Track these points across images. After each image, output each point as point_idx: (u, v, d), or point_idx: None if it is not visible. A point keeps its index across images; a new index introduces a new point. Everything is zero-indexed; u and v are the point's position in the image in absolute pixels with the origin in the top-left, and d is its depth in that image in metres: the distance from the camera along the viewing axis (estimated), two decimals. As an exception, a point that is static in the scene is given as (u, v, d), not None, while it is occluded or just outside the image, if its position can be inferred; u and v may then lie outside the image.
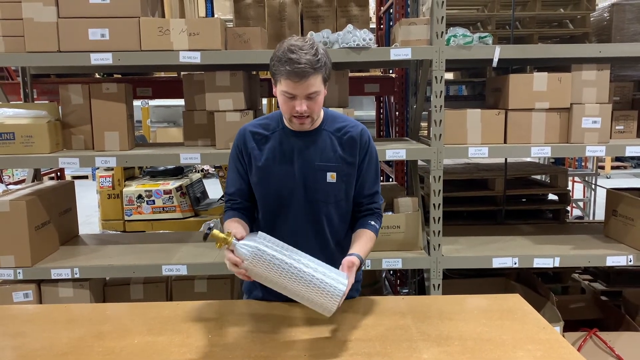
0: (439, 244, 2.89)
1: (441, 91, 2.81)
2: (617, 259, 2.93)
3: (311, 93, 1.71)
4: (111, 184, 5.59)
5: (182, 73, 4.11)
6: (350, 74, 3.38)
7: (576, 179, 7.01)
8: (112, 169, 5.60)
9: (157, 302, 2.67)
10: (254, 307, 1.94)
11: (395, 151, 2.86)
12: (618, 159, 12.56)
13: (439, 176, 2.88)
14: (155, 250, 3.16)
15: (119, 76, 4.48)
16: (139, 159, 3.15)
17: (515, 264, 2.94)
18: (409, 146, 3.03)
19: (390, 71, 4.65)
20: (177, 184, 5.67)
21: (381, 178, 3.36)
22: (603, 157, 10.83)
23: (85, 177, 11.66)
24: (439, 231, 2.88)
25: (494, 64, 2.85)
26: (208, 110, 2.98)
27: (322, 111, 1.86)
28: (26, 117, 2.93)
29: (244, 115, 2.94)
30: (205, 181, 6.66)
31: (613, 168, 12.13)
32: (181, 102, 3.38)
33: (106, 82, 3.06)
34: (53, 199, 3.14)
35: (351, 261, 1.73)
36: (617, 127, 3.14)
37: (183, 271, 2.90)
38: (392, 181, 4.38)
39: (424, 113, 3.52)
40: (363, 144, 1.89)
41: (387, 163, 4.61)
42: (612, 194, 3.24)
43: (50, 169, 5.51)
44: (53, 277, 2.86)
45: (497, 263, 2.93)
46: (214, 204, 5.93)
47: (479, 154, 2.90)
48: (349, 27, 2.89)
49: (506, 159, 3.70)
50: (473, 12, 3.81)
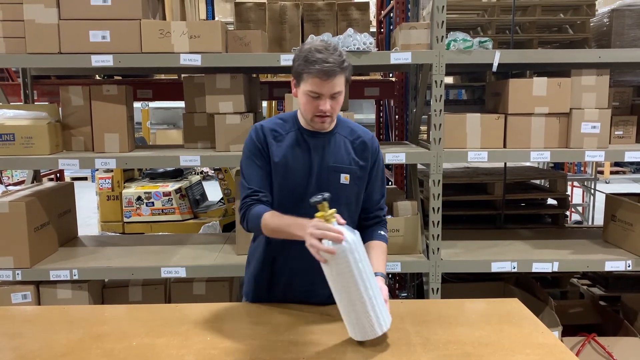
0: (438, 248, 2.89)
1: (441, 95, 2.82)
2: (616, 264, 2.94)
3: (335, 93, 1.75)
4: (110, 186, 5.59)
5: (182, 75, 4.12)
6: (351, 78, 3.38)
7: (575, 183, 7.02)
8: (111, 171, 5.60)
9: (156, 304, 2.66)
10: (252, 310, 1.94)
11: (395, 155, 2.87)
12: (617, 164, 12.56)
13: (439, 180, 2.88)
14: (154, 252, 3.16)
15: (120, 78, 4.49)
16: (139, 161, 3.16)
17: (514, 268, 2.94)
18: (408, 150, 3.03)
19: (390, 75, 4.66)
20: (176, 186, 5.67)
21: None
22: (602, 162, 10.84)
23: (85, 179, 11.66)
24: (438, 235, 2.89)
25: (494, 68, 2.86)
26: (208, 112, 2.98)
27: None
28: (26, 118, 2.93)
29: (244, 118, 2.95)
30: (204, 183, 6.66)
31: (612, 173, 12.13)
32: (181, 104, 3.39)
33: (106, 84, 3.07)
34: (52, 200, 3.14)
35: (384, 290, 1.72)
36: (616, 132, 3.14)
37: (182, 273, 2.90)
38: (391, 185, 4.39)
39: (423, 117, 3.53)
40: (374, 150, 1.94)
41: (387, 166, 4.61)
42: (611, 199, 3.25)
43: (50, 170, 5.51)
44: (52, 279, 2.86)
45: (496, 267, 2.94)
46: (213, 206, 5.93)
47: (478, 158, 2.91)
48: (350, 30, 2.90)
49: (505, 163, 3.71)
50: (473, 16, 3.81)
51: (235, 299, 3.21)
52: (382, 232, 1.97)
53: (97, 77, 4.47)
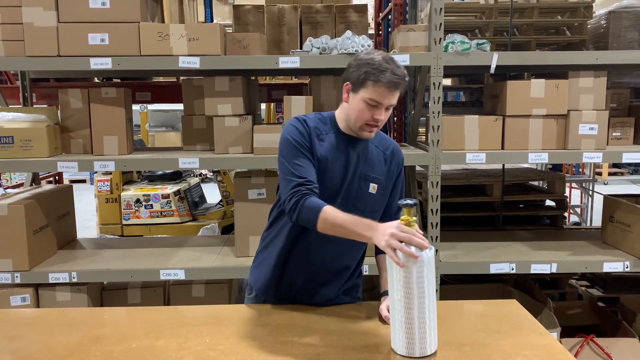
0: (436, 250, 2.90)
1: (439, 97, 2.83)
2: (614, 265, 2.94)
3: (392, 105, 1.77)
4: (109, 188, 5.58)
5: (181, 78, 4.12)
6: (349, 80, 3.39)
7: (573, 185, 7.03)
8: (110, 173, 5.60)
9: (155, 306, 2.66)
10: (251, 312, 1.94)
11: (394, 157, 2.87)
12: (615, 165, 12.58)
13: (437, 182, 2.89)
14: (153, 255, 3.16)
15: (118, 81, 4.49)
16: (138, 164, 3.17)
17: (513, 269, 2.94)
18: (407, 152, 3.03)
19: (389, 77, 4.66)
20: (175, 188, 5.66)
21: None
22: (600, 164, 10.85)
23: (83, 182, 11.65)
24: (437, 237, 2.89)
25: (492, 70, 2.87)
26: (207, 115, 2.99)
27: None
28: (25, 121, 2.93)
29: (242, 120, 2.95)
30: (203, 185, 6.66)
31: (610, 174, 12.15)
32: (179, 106, 3.39)
33: (105, 87, 3.07)
34: (51, 203, 3.14)
35: None
36: (614, 134, 3.16)
37: (181, 276, 2.90)
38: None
39: (422, 119, 3.54)
40: (400, 162, 1.97)
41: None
42: (609, 200, 3.25)
43: (49, 172, 5.51)
44: (51, 281, 2.86)
45: (495, 269, 2.94)
46: (212, 208, 5.93)
47: (476, 159, 2.92)
48: (348, 33, 2.91)
49: (504, 165, 3.72)
50: (471, 19, 3.83)
51: (234, 300, 3.21)
52: None
53: (96, 80, 4.47)
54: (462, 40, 2.88)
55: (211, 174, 11.21)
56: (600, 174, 11.35)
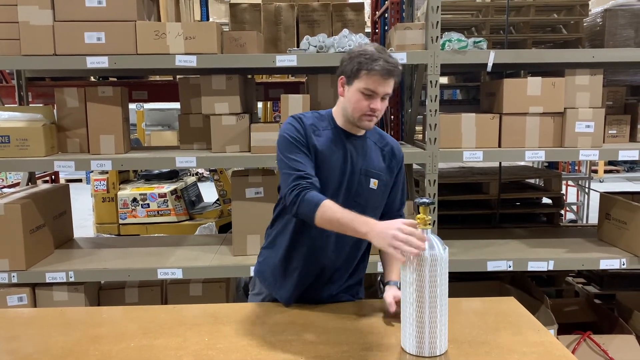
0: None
1: (436, 95, 2.83)
2: (611, 262, 2.95)
3: (387, 94, 1.79)
4: (106, 188, 5.57)
5: (177, 77, 4.12)
6: (346, 78, 3.39)
7: (570, 182, 7.04)
8: (106, 173, 5.58)
9: (153, 305, 2.66)
10: (250, 311, 1.94)
11: (391, 155, 2.87)
12: (611, 162, 12.64)
13: (434, 180, 2.89)
14: (150, 254, 3.15)
15: (115, 79, 4.48)
16: (135, 162, 3.16)
17: (510, 267, 2.95)
18: (404, 150, 3.00)
19: (386, 75, 4.66)
20: (171, 187, 5.65)
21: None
22: (596, 161, 10.89)
23: (79, 181, 11.61)
24: (434, 235, 2.89)
25: (489, 68, 2.87)
26: (204, 113, 2.99)
27: None
28: (21, 120, 2.92)
29: (239, 119, 2.95)
30: (200, 185, 6.65)
31: (606, 172, 12.20)
32: (175, 105, 3.38)
33: (102, 86, 3.06)
34: (48, 202, 3.13)
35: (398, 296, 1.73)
36: (610, 132, 3.17)
37: (178, 275, 2.90)
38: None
39: (418, 117, 3.54)
40: (400, 158, 1.99)
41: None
42: (606, 197, 3.27)
43: (45, 172, 5.49)
44: (48, 281, 2.85)
45: (492, 266, 2.95)
46: (209, 207, 5.92)
47: (473, 157, 2.92)
48: (345, 31, 2.91)
49: (500, 162, 3.72)
50: (467, 17, 3.83)
51: (232, 299, 3.21)
52: None
53: (92, 79, 4.46)
54: (459, 39, 2.88)
55: (207, 172, 11.19)
56: (596, 171, 11.39)
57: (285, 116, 2.83)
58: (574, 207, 6.89)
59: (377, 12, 4.75)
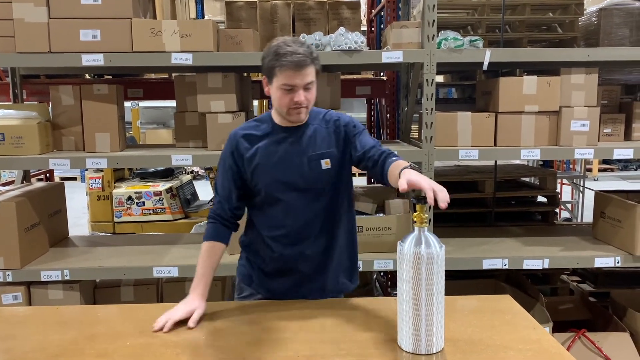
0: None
1: (432, 94, 2.83)
2: (605, 260, 2.97)
3: (309, 83, 1.81)
4: (101, 186, 5.56)
5: (173, 74, 4.10)
6: (342, 77, 3.40)
7: (564, 181, 7.08)
8: (101, 171, 5.57)
9: (149, 303, 2.65)
10: (246, 309, 1.95)
11: (387, 153, 2.88)
12: (605, 161, 12.69)
13: (430, 178, 2.89)
14: (145, 252, 3.15)
15: (110, 77, 4.46)
16: (130, 161, 3.15)
17: (505, 265, 2.96)
18: (400, 148, 3.04)
19: (382, 74, 4.67)
20: (167, 185, 5.64)
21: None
22: (591, 160, 10.94)
23: (74, 179, 11.57)
24: (429, 233, 2.90)
25: (485, 67, 2.88)
26: (200, 111, 2.98)
27: None
28: (16, 118, 2.91)
29: (235, 117, 2.94)
30: (195, 183, 6.64)
31: (600, 170, 12.26)
32: (171, 103, 3.38)
33: (97, 83, 3.05)
34: (43, 200, 3.12)
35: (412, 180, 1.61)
36: (605, 130, 3.18)
37: (174, 273, 2.89)
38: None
39: (414, 115, 3.54)
40: (345, 122, 1.98)
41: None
42: (600, 196, 3.28)
43: (40, 170, 5.47)
44: (43, 279, 2.84)
45: (487, 264, 2.96)
46: (205, 205, 5.92)
47: (469, 156, 2.93)
48: (341, 29, 2.90)
49: (496, 161, 3.74)
50: (463, 15, 3.84)
51: (228, 297, 3.20)
52: (393, 158, 1.86)
53: (87, 77, 4.44)
54: (455, 37, 2.89)
55: (203, 171, 11.17)
56: (590, 170, 11.45)
57: (281, 114, 2.82)
58: (569, 206, 6.93)
59: (373, 11, 4.76)
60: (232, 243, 3.04)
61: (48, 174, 5.65)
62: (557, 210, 5.51)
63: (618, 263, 2.96)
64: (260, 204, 1.98)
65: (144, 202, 5.52)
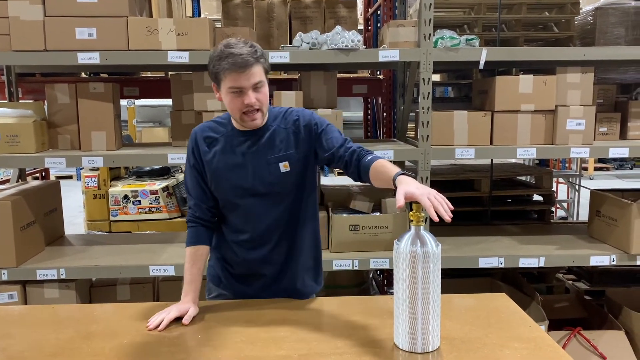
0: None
1: (429, 93, 2.84)
2: (601, 259, 2.98)
3: (257, 83, 1.74)
4: (97, 184, 5.54)
5: (170, 73, 4.09)
6: (339, 75, 3.40)
7: (560, 180, 7.09)
8: (97, 169, 5.55)
9: (146, 302, 2.65)
10: (242, 307, 1.94)
11: (383, 152, 2.88)
12: (601, 160, 12.74)
13: (427, 177, 2.90)
14: (142, 251, 3.14)
15: (106, 76, 4.45)
16: (127, 159, 3.14)
17: (501, 263, 2.97)
18: (396, 147, 3.05)
19: (378, 72, 4.67)
20: (163, 184, 5.63)
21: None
22: (586, 159, 10.98)
23: (70, 177, 11.54)
24: (426, 231, 2.90)
25: (481, 66, 2.88)
26: (196, 110, 2.98)
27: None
28: (12, 117, 2.90)
29: (232, 116, 2.94)
30: (191, 181, 6.62)
31: (596, 169, 12.30)
32: (167, 102, 3.37)
33: (93, 82, 3.04)
34: (38, 199, 3.11)
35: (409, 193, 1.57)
36: (600, 129, 3.20)
37: (170, 272, 2.89)
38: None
39: (411, 114, 3.55)
40: (305, 119, 1.89)
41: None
42: (596, 194, 3.29)
43: (35, 168, 5.45)
44: (39, 278, 2.83)
45: (483, 263, 2.97)
46: (201, 204, 5.90)
47: (465, 155, 2.94)
48: (338, 28, 2.91)
49: (492, 160, 3.74)
50: (460, 14, 3.84)
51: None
52: (369, 157, 1.79)
53: (83, 75, 4.43)
54: (452, 36, 2.89)
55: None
56: (586, 169, 11.49)
57: (278, 113, 2.82)
58: (565, 204, 6.94)
59: (369, 10, 4.75)
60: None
61: (44, 173, 5.63)
62: (553, 209, 5.52)
63: (613, 261, 2.97)
64: (222, 209, 1.96)
65: (140, 201, 5.51)
